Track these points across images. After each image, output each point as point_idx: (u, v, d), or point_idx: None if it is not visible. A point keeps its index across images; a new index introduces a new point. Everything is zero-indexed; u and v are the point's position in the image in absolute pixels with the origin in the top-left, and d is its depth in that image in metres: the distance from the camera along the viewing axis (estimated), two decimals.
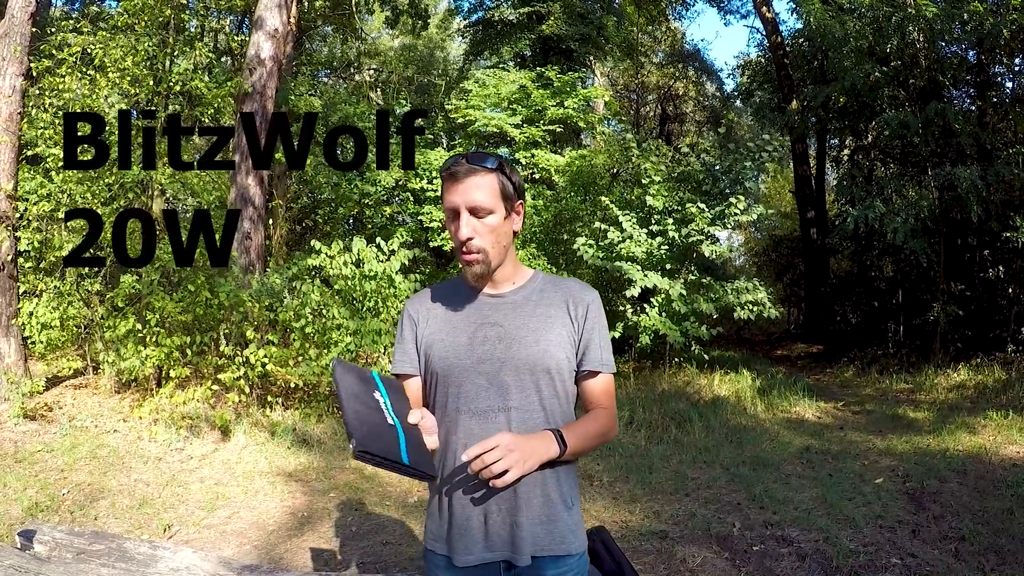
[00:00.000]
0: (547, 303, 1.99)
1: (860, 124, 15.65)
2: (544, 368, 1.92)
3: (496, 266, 1.96)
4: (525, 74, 15.43)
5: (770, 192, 29.86)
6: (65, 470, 6.22)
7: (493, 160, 1.89)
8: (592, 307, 2.00)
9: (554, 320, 1.97)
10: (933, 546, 4.80)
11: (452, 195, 1.89)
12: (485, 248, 1.90)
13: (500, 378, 1.92)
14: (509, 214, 1.94)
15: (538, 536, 1.91)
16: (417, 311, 2.08)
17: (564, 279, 2.08)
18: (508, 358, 1.92)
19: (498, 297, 2.01)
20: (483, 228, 1.89)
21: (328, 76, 22.63)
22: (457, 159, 1.90)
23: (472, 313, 2.00)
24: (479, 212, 1.87)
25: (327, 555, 4.85)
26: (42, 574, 1.77)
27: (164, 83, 9.20)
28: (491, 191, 1.88)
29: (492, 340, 1.94)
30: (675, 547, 4.81)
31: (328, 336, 8.15)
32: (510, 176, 1.93)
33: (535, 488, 1.91)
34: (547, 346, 1.93)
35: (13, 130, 7.87)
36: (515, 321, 1.96)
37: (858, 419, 9.21)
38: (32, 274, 8.34)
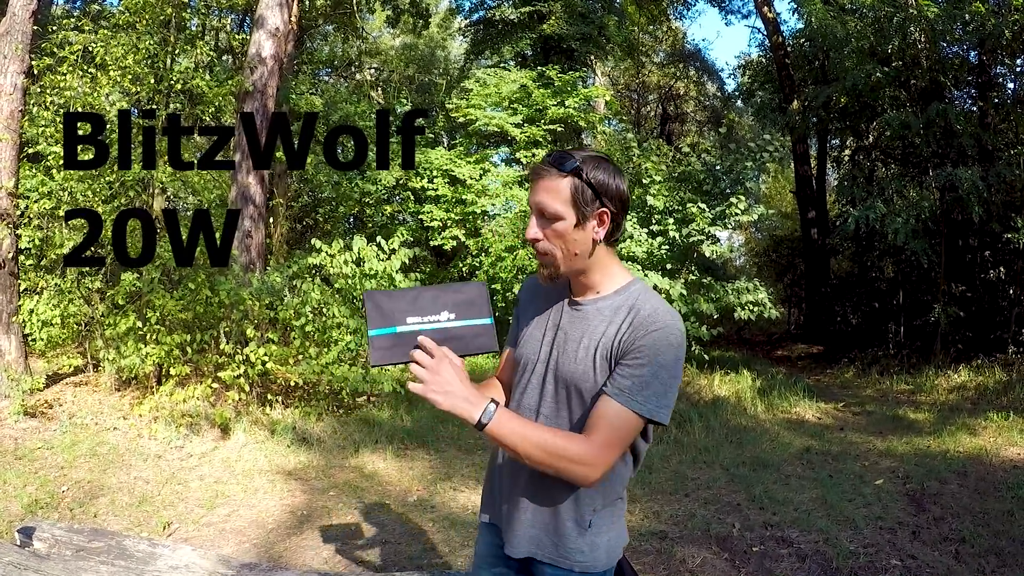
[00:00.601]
0: (615, 321, 1.84)
1: (861, 124, 15.64)
2: (578, 388, 1.85)
3: (566, 272, 1.88)
4: (526, 73, 15.45)
5: (771, 192, 29.85)
6: (65, 467, 6.22)
7: (571, 162, 1.78)
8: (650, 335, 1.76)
9: (603, 339, 1.84)
10: (933, 548, 4.80)
11: (531, 193, 1.86)
12: (552, 252, 1.84)
13: (544, 383, 1.93)
14: (583, 222, 1.80)
15: (540, 541, 1.92)
16: (523, 296, 2.16)
17: (652, 298, 1.86)
18: (555, 366, 1.91)
19: (576, 304, 1.94)
20: (552, 233, 1.82)
21: (329, 75, 22.62)
22: (544, 157, 1.86)
23: (553, 313, 1.99)
24: (547, 216, 1.81)
25: (326, 554, 4.84)
26: (41, 571, 1.77)
27: (165, 81, 9.19)
28: (560, 196, 1.78)
29: (556, 346, 1.93)
30: (674, 547, 4.81)
31: (328, 335, 8.16)
32: (590, 179, 1.78)
33: (539, 492, 1.91)
34: (587, 367, 1.84)
35: (14, 128, 7.87)
36: (575, 332, 1.90)
37: (858, 420, 9.20)
38: (33, 271, 8.34)
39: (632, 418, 1.75)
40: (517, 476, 1.95)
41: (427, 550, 4.91)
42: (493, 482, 2.09)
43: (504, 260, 12.68)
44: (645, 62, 25.99)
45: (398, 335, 1.76)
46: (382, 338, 1.76)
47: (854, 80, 12.64)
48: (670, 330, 1.78)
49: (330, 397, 8.62)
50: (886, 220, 11.87)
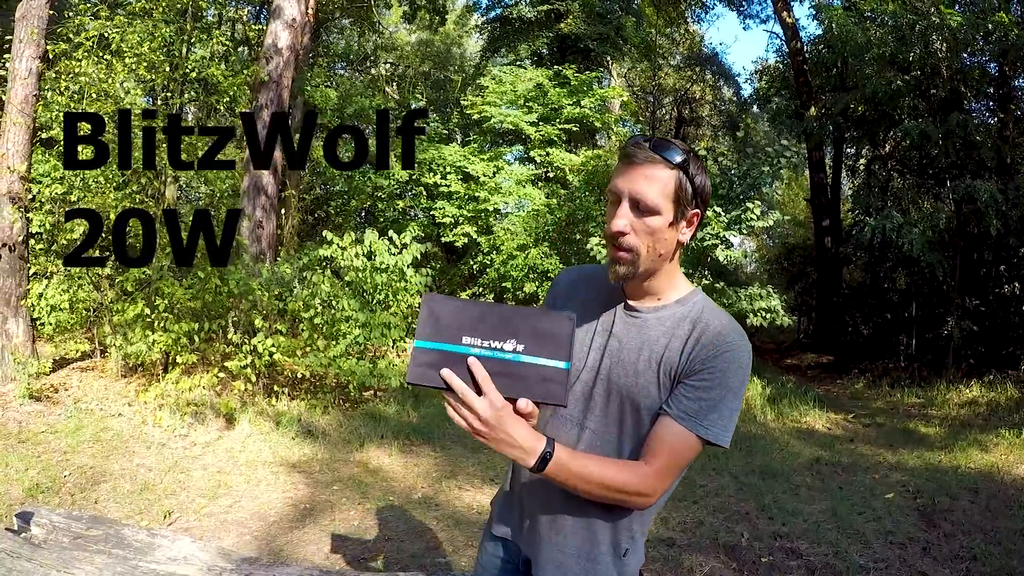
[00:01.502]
0: (678, 334, 1.68)
1: (879, 133, 15.52)
2: (635, 404, 1.68)
3: (645, 273, 1.68)
4: (542, 72, 15.42)
5: (784, 200, 29.71)
6: (68, 452, 6.18)
7: (680, 153, 1.60)
8: (719, 355, 1.63)
9: (671, 355, 1.66)
10: (944, 565, 4.72)
11: (619, 178, 1.62)
12: (637, 248, 1.62)
13: (592, 393, 1.73)
14: (678, 221, 1.64)
15: (568, 568, 1.76)
16: (562, 289, 1.93)
17: (717, 313, 1.73)
18: (607, 377, 1.71)
19: (634, 311, 1.75)
20: (642, 227, 1.61)
21: (344, 69, 22.62)
22: (639, 139, 1.63)
23: (605, 315, 1.78)
24: (641, 208, 1.59)
25: (328, 549, 4.78)
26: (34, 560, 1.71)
27: (180, 70, 9.15)
28: (663, 189, 1.59)
29: (605, 352, 1.73)
30: (682, 555, 4.73)
31: (337, 328, 8.11)
32: (694, 178, 1.62)
33: (579, 521, 1.75)
34: (648, 381, 1.67)
35: (28, 112, 7.85)
36: (631, 341, 1.71)
37: (868, 432, 9.11)
38: (43, 256, 8.32)
39: (695, 443, 1.64)
40: (550, 497, 1.76)
41: (430, 548, 4.84)
42: (514, 499, 1.90)
43: (516, 259, 12.59)
44: (662, 64, 25.90)
45: (447, 354, 1.52)
46: (427, 353, 1.53)
47: (874, 88, 12.53)
48: (741, 351, 1.66)
49: (337, 390, 8.58)
50: (902, 230, 11.76)
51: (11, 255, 7.76)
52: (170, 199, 9.29)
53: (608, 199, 1.68)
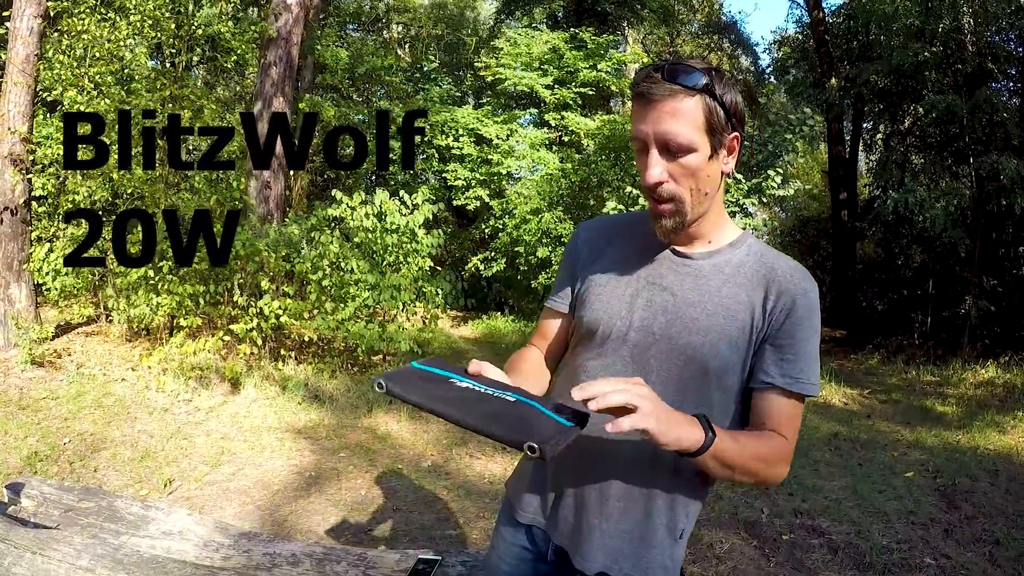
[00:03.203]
0: (741, 282, 1.51)
1: (903, 106, 15.23)
2: (703, 367, 1.47)
3: (694, 219, 1.49)
4: (558, 35, 15.19)
5: (799, 172, 29.42)
6: (69, 419, 6.07)
7: (699, 76, 1.37)
8: (800, 301, 1.47)
9: (741, 308, 1.49)
10: (967, 548, 4.59)
11: (641, 122, 1.41)
12: (680, 196, 1.43)
13: (646, 356, 1.51)
14: (717, 152, 1.42)
15: (620, 553, 1.56)
16: (586, 242, 1.71)
17: (779, 255, 1.55)
18: (665, 336, 1.50)
19: (684, 257, 1.55)
20: (679, 170, 1.41)
21: (356, 30, 22.35)
22: (650, 71, 1.40)
23: (647, 265, 1.57)
24: (673, 149, 1.39)
25: (333, 520, 4.65)
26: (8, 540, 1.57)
27: (186, 28, 8.95)
28: (692, 121, 1.37)
29: (655, 308, 1.52)
30: (701, 531, 4.60)
31: (345, 290, 7.95)
32: (723, 97, 1.39)
33: (634, 503, 1.55)
34: (718, 339, 1.47)
35: (29, 72, 7.72)
36: (691, 295, 1.51)
37: (885, 408, 8.97)
38: (46, 219, 8.20)
39: (802, 404, 1.51)
40: (602, 476, 1.55)
41: (440, 520, 4.71)
42: (546, 482, 1.67)
43: (529, 223, 12.43)
44: (680, 31, 25.50)
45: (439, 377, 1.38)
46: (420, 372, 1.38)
47: (900, 59, 12.24)
48: (814, 291, 1.50)
49: (345, 354, 8.46)
50: (925, 206, 11.55)
51: (13, 218, 7.66)
52: None
53: (635, 148, 1.47)
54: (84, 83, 8.08)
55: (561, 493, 1.62)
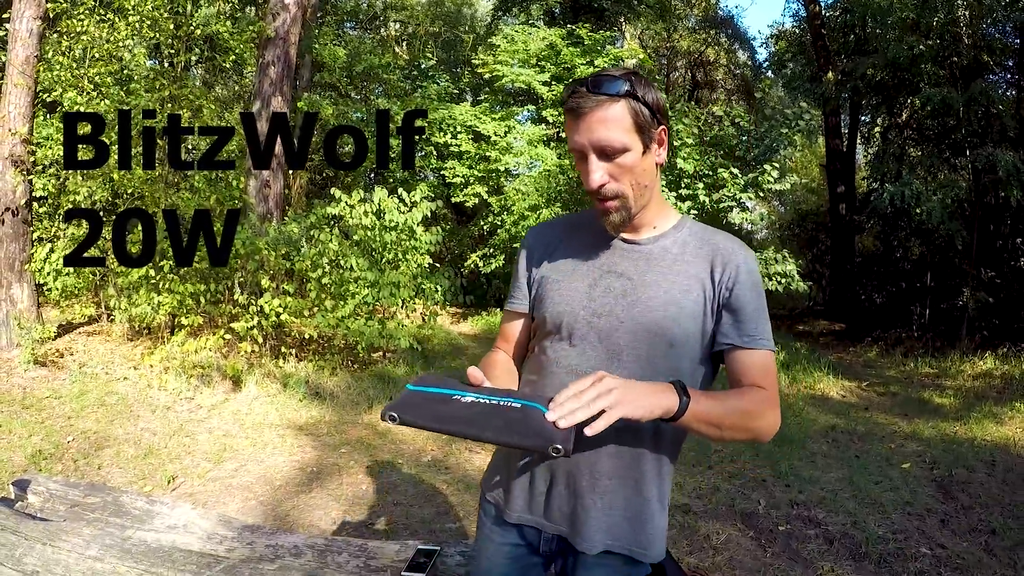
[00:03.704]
0: (689, 259, 1.65)
1: (899, 99, 15.25)
2: (668, 339, 1.59)
3: (638, 210, 1.62)
4: (555, 31, 15.19)
5: (797, 166, 29.45)
6: (72, 417, 6.12)
7: (621, 83, 1.50)
8: (743, 268, 1.62)
9: (693, 282, 1.62)
10: (963, 538, 4.62)
11: (576, 134, 1.54)
12: (623, 192, 1.56)
13: (614, 339, 1.61)
14: (648, 147, 1.56)
15: (617, 529, 1.65)
16: (536, 244, 1.82)
17: (715, 231, 1.71)
18: (628, 318, 1.61)
19: (633, 244, 1.68)
20: (618, 170, 1.54)
21: (353, 28, 22.37)
22: (576, 87, 1.54)
23: (599, 257, 1.69)
24: (610, 152, 1.52)
25: (335, 514, 4.70)
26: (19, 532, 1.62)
27: (185, 28, 8.98)
28: (622, 124, 1.51)
29: (615, 293, 1.64)
30: (698, 522, 4.64)
31: (345, 288, 8.00)
32: (645, 97, 1.52)
33: (624, 476, 1.64)
34: (677, 313, 1.59)
35: (29, 73, 7.75)
36: (646, 276, 1.63)
37: (883, 400, 9.00)
38: (47, 219, 8.25)
39: (772, 358, 1.64)
40: (592, 459, 1.63)
41: (440, 513, 4.76)
42: (534, 475, 1.72)
43: (527, 219, 12.46)
44: (676, 26, 25.50)
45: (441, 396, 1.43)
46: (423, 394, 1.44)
47: (895, 53, 12.26)
48: (753, 258, 1.66)
49: (345, 351, 8.51)
50: (921, 198, 11.58)
51: (14, 219, 7.70)
52: None
53: (575, 158, 1.60)
54: (84, 84, 8.11)
55: (551, 483, 1.68)
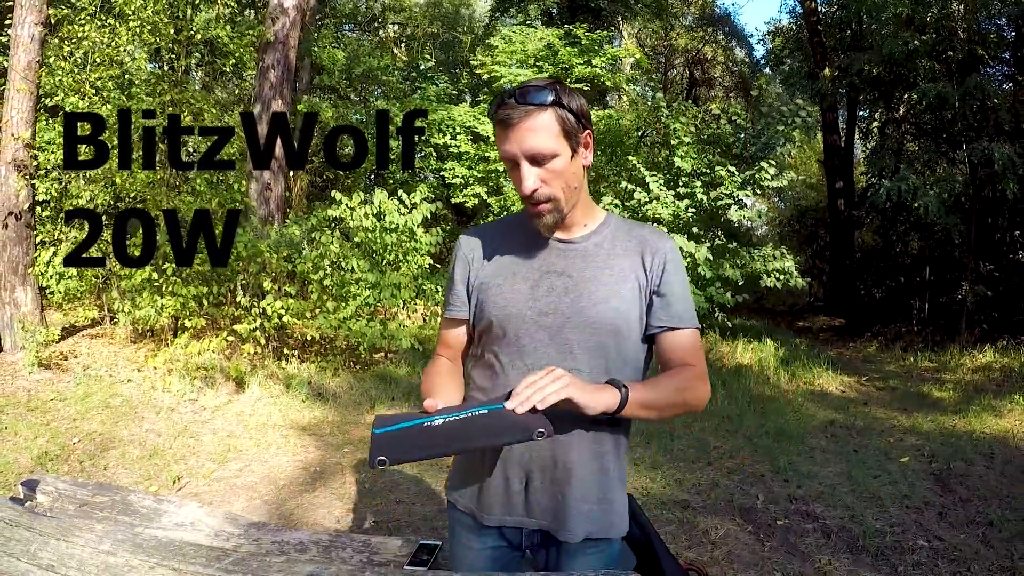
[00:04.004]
0: (620, 252, 1.75)
1: (894, 95, 15.28)
2: (614, 328, 1.70)
3: (569, 211, 1.71)
4: (552, 31, 15.19)
5: (796, 162, 29.47)
6: (77, 419, 6.18)
7: (547, 93, 1.58)
8: (669, 256, 1.75)
9: (627, 273, 1.73)
10: (960, 530, 4.67)
11: (508, 144, 1.61)
12: (555, 195, 1.65)
13: (563, 335, 1.70)
14: (576, 151, 1.65)
15: (593, 516, 1.74)
16: (472, 249, 1.86)
17: (639, 225, 1.83)
18: (574, 313, 1.69)
19: (567, 243, 1.77)
20: (549, 175, 1.62)
21: (352, 30, 22.40)
22: (504, 98, 1.61)
23: (537, 258, 1.77)
24: (540, 159, 1.60)
25: (339, 512, 4.76)
26: (33, 528, 1.66)
27: (185, 32, 9.03)
28: (550, 132, 1.59)
29: (558, 291, 1.72)
30: (697, 517, 4.69)
31: (347, 289, 8.06)
32: (569, 105, 1.61)
33: (591, 462, 1.72)
34: (619, 303, 1.70)
35: (31, 78, 7.80)
36: (585, 272, 1.73)
37: (882, 395, 9.05)
38: (49, 223, 8.30)
39: (698, 335, 1.78)
40: (561, 452, 1.70)
41: (442, 511, 4.81)
42: (508, 479, 1.76)
43: None
44: (673, 24, 25.51)
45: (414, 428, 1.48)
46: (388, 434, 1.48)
47: (890, 48, 12.30)
48: (675, 246, 1.80)
49: (347, 352, 8.56)
50: (918, 193, 11.62)
51: (17, 223, 7.75)
52: None
53: (507, 166, 1.69)
54: (85, 88, 8.16)
55: (528, 480, 1.74)
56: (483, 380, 1.80)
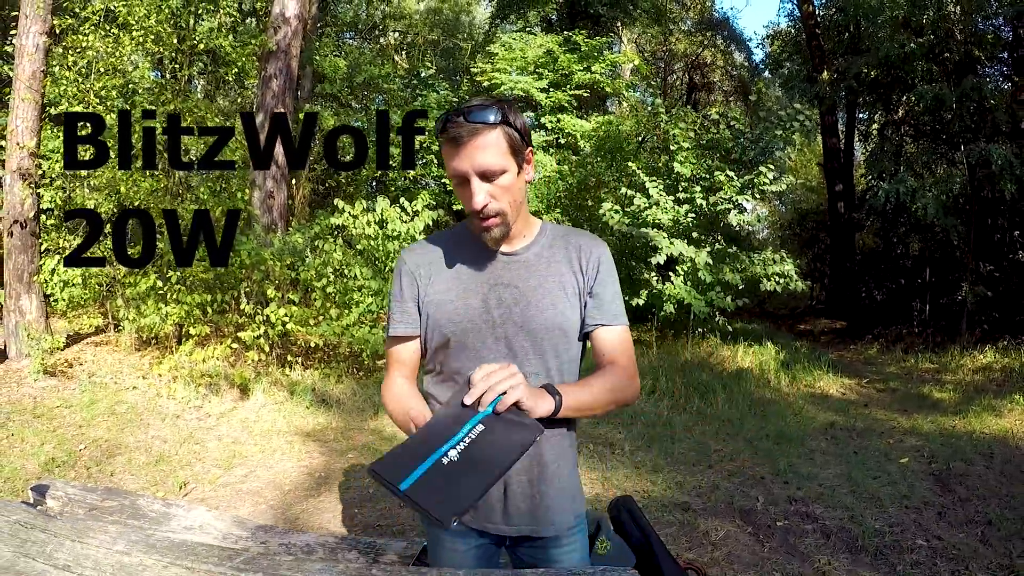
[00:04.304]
0: (559, 259, 1.87)
1: (892, 97, 15.32)
2: (562, 331, 1.82)
3: (514, 224, 1.79)
4: (552, 38, 15.26)
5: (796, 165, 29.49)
6: (83, 426, 6.23)
7: (495, 111, 1.67)
8: (603, 259, 1.89)
9: (567, 278, 1.85)
10: (959, 529, 4.70)
11: (457, 161, 1.69)
12: (503, 210, 1.73)
13: (518, 342, 1.80)
14: (521, 167, 1.76)
15: (571, 505, 1.90)
16: (418, 265, 1.89)
17: (572, 231, 1.95)
18: (525, 321, 1.80)
19: (511, 255, 1.85)
20: (498, 190, 1.71)
21: (353, 38, 22.47)
22: (452, 117, 1.68)
23: (484, 271, 1.84)
24: (489, 175, 1.69)
25: (344, 517, 4.81)
26: (48, 530, 1.71)
27: (188, 42, 9.10)
28: (499, 149, 1.68)
29: (507, 303, 1.81)
30: (698, 519, 4.73)
31: (350, 296, 8.12)
32: (515, 124, 1.71)
33: (562, 458, 1.87)
34: (564, 308, 1.82)
35: (36, 88, 7.87)
36: (530, 282, 1.83)
37: (883, 397, 9.08)
38: (54, 231, 8.35)
39: (628, 331, 1.92)
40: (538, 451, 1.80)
41: None
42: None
43: None
44: (672, 30, 25.56)
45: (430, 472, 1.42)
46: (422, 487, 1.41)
47: (887, 51, 12.35)
48: (607, 248, 1.94)
49: (350, 359, 8.61)
50: (917, 195, 11.66)
51: (23, 231, 7.80)
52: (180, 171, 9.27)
53: (454, 183, 1.76)
54: (89, 97, 8.22)
55: (506, 487, 1.82)
56: (445, 395, 1.87)
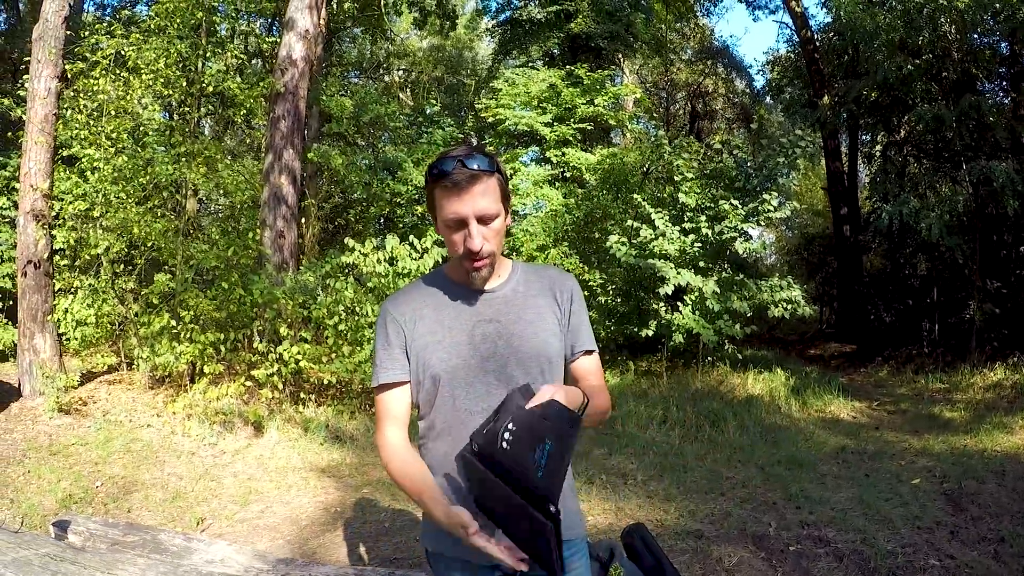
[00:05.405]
0: (535, 293, 1.99)
1: (893, 119, 15.40)
2: (547, 358, 1.93)
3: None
4: (554, 72, 15.42)
5: (801, 190, 29.54)
6: (99, 463, 6.29)
7: (489, 160, 1.79)
8: (575, 291, 2.03)
9: (545, 310, 1.97)
10: (972, 548, 4.70)
11: (459, 205, 1.76)
12: (494, 251, 1.84)
13: (507, 372, 1.88)
14: (507, 212, 1.90)
15: (575, 522, 1.96)
16: (402, 313, 1.94)
17: (541, 267, 2.09)
18: (511, 352, 1.89)
19: (489, 292, 1.96)
20: (491, 233, 1.82)
21: (358, 77, 22.74)
22: (450, 163, 1.76)
23: (465, 311, 1.93)
24: (485, 219, 1.79)
25: (361, 551, 4.85)
26: (78, 563, 1.77)
27: (197, 84, 9.28)
28: (495, 195, 1.81)
29: (492, 337, 1.90)
30: (711, 546, 4.75)
31: (361, 333, 8.19)
32: (503, 172, 1.86)
33: (566, 488, 1.90)
34: (546, 336, 1.94)
35: (48, 131, 8.01)
36: (510, 315, 1.93)
37: (894, 419, 9.07)
38: (67, 271, 8.47)
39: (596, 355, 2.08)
40: None
41: None
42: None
43: (536, 260, 12.60)
44: (673, 60, 25.79)
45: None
46: None
47: (885, 73, 12.45)
48: (576, 281, 2.07)
49: (363, 395, 8.66)
50: (920, 215, 11.69)
51: (36, 271, 7.90)
52: (191, 211, 9.41)
53: (446, 225, 1.82)
54: (101, 140, 8.36)
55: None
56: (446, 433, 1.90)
